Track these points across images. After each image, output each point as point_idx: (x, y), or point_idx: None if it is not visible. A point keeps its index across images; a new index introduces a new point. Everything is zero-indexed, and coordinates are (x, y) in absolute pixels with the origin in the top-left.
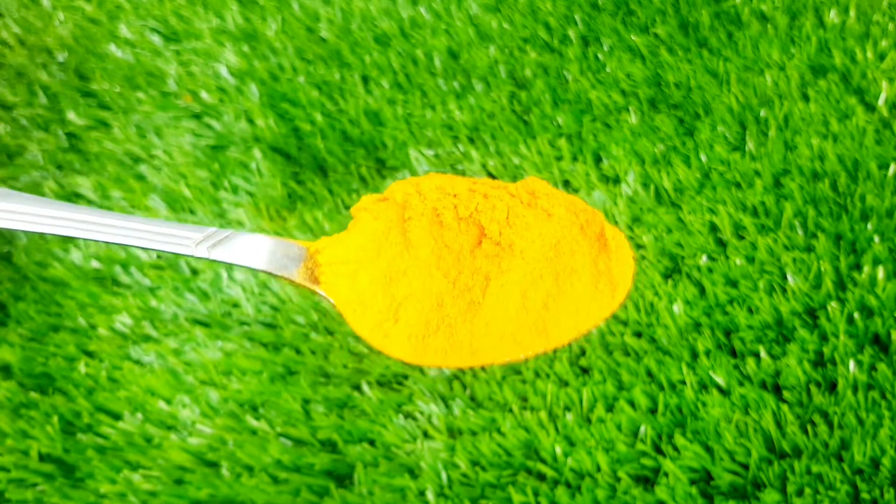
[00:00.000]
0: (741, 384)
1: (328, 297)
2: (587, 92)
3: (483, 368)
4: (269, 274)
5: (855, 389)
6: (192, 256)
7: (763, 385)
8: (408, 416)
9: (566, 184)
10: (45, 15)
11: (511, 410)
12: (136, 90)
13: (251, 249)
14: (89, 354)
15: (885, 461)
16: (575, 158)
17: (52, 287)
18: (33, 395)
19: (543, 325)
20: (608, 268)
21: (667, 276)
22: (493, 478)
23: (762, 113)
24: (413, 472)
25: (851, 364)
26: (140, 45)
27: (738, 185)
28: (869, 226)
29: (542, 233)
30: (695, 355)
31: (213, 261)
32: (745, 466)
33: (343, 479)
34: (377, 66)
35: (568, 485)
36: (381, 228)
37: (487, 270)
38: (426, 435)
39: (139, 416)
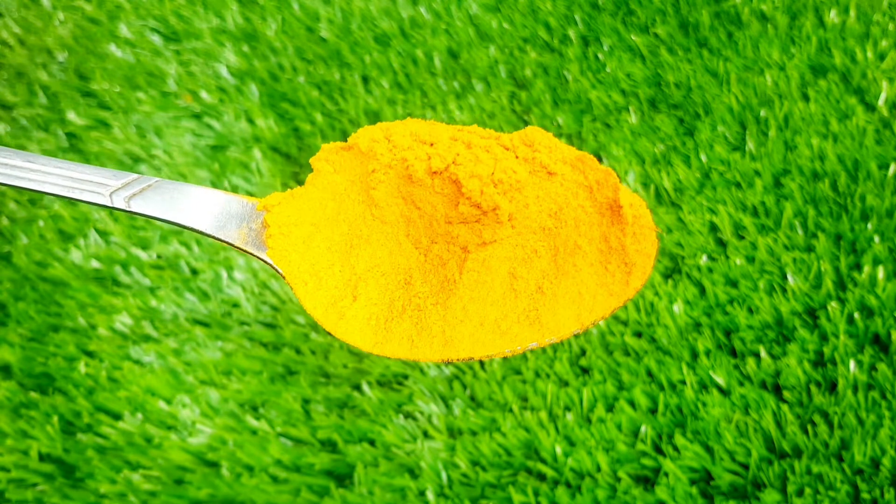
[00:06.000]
0: (741, 384)
1: (276, 266)
2: (587, 92)
3: (482, 366)
4: (201, 233)
5: (855, 389)
6: (105, 206)
7: (763, 385)
8: (408, 416)
9: None
10: (45, 15)
11: (511, 410)
12: (136, 90)
13: (178, 202)
14: (89, 354)
15: (886, 461)
16: None
17: (52, 287)
18: (33, 395)
19: (536, 313)
20: (622, 244)
21: (667, 276)
22: (494, 478)
23: (762, 113)
24: (413, 472)
25: (851, 364)
26: (140, 45)
27: (738, 185)
28: (869, 226)
29: (540, 196)
30: (695, 355)
31: (133, 213)
32: (746, 466)
33: (343, 478)
34: (377, 66)
35: (568, 485)
36: (342, 184)
37: (466, 240)
38: (426, 435)
39: (139, 416)
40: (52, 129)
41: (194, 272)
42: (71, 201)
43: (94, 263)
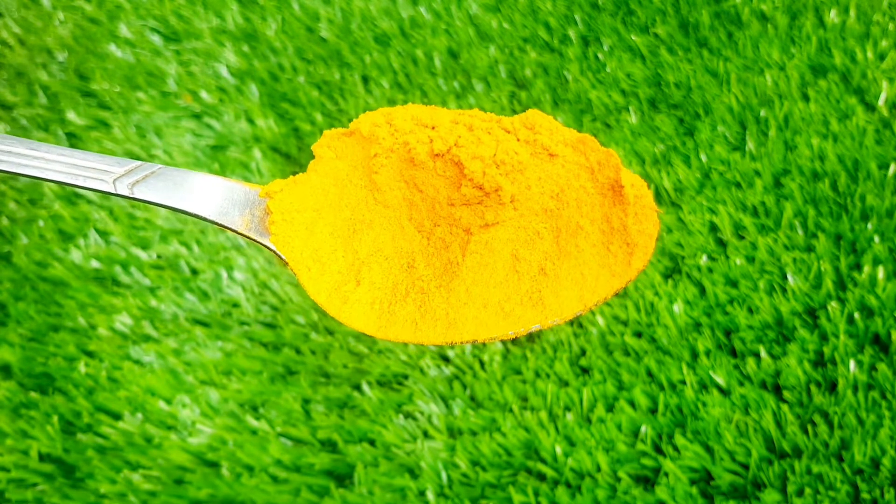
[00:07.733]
0: (741, 384)
1: (279, 252)
2: (587, 92)
3: (482, 366)
4: (204, 219)
5: (855, 389)
6: (109, 193)
7: (763, 385)
8: (408, 416)
9: None
10: (45, 15)
11: (511, 410)
12: (136, 90)
13: (182, 189)
14: (89, 354)
15: (886, 461)
16: None
17: (52, 287)
18: (33, 395)
19: (539, 294)
20: (624, 225)
21: (667, 276)
22: (494, 478)
23: (762, 113)
24: (413, 472)
25: (851, 364)
26: (140, 45)
27: (738, 185)
28: (869, 226)
29: (542, 177)
30: (695, 355)
31: (136, 200)
32: (746, 466)
33: (343, 478)
34: (377, 66)
35: (568, 485)
36: (343, 169)
37: (468, 222)
38: (426, 435)
39: (139, 416)
40: (52, 129)
41: (194, 272)
42: (71, 201)
43: (94, 263)
